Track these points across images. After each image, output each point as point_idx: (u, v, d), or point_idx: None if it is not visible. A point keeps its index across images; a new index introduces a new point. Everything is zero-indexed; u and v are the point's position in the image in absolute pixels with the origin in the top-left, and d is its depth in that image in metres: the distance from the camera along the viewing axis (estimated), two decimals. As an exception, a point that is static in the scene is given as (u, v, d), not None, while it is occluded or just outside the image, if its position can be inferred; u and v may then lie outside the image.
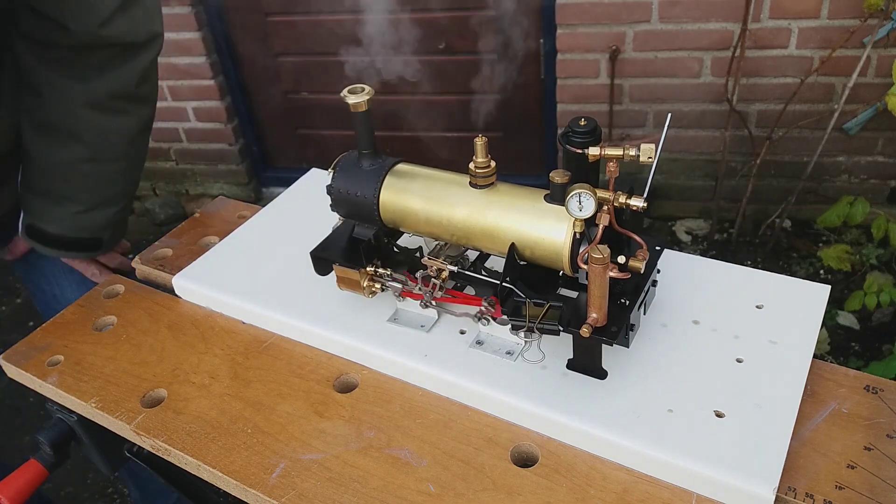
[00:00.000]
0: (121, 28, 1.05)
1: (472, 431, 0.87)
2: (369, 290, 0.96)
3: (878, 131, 2.46)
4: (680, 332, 0.93)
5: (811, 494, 0.75)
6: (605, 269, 0.75)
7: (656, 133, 2.60)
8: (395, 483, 0.82)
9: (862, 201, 2.25)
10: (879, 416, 0.83)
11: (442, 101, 2.90)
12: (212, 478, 0.87)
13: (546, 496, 0.79)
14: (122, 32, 1.06)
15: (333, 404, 0.92)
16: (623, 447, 0.80)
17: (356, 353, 0.97)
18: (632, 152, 0.73)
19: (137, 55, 1.11)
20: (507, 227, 0.85)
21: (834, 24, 2.29)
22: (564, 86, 2.62)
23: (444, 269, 0.92)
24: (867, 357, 2.20)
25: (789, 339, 0.90)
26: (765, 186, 2.61)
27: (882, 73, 2.32)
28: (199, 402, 0.95)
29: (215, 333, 1.06)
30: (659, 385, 0.86)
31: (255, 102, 3.13)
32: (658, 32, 2.43)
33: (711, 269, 1.03)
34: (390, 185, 0.91)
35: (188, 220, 1.32)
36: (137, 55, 1.11)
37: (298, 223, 1.20)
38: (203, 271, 1.13)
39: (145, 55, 1.12)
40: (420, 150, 3.03)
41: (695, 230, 2.77)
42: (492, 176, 0.87)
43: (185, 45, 2.87)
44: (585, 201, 0.75)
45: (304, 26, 2.81)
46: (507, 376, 0.89)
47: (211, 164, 3.24)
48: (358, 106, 0.87)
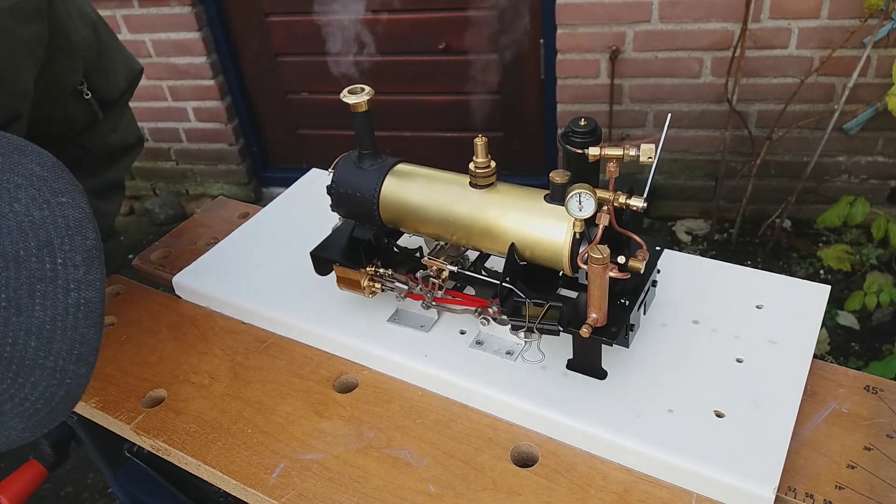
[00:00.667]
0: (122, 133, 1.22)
1: (472, 431, 0.87)
2: (369, 290, 0.96)
3: (878, 131, 2.46)
4: (680, 332, 0.93)
5: (811, 494, 0.75)
6: (605, 269, 0.75)
7: (656, 133, 2.60)
8: (395, 483, 0.82)
9: (862, 201, 2.25)
10: (879, 416, 0.83)
11: (442, 101, 2.89)
12: (212, 478, 0.87)
13: (546, 496, 0.79)
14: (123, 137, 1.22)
15: (333, 404, 0.92)
16: (623, 447, 0.80)
17: (356, 353, 0.97)
18: (632, 152, 0.73)
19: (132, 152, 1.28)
20: (507, 227, 0.85)
21: (834, 24, 2.29)
22: (564, 86, 2.62)
23: (444, 269, 0.92)
24: (867, 357, 2.20)
25: (789, 339, 0.90)
26: (765, 186, 2.61)
27: (882, 73, 2.32)
28: (199, 402, 0.95)
29: (215, 333, 1.06)
30: (659, 385, 0.86)
31: (255, 102, 3.13)
32: (658, 32, 2.43)
33: (711, 269, 1.03)
34: (390, 185, 0.91)
35: (188, 220, 1.32)
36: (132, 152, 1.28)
37: (298, 223, 1.20)
38: (203, 271, 1.13)
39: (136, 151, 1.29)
40: (420, 151, 3.03)
41: (695, 230, 2.77)
42: (492, 176, 0.87)
43: (185, 45, 2.86)
44: (585, 201, 0.75)
45: (304, 26, 2.81)
46: (507, 376, 0.89)
47: (211, 164, 3.24)
48: (358, 106, 0.87)
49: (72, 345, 0.66)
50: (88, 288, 0.67)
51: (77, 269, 0.66)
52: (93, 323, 0.67)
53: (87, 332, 0.67)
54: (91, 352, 0.68)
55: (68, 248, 0.66)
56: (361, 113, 0.88)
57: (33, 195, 0.65)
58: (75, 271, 0.66)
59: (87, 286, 0.67)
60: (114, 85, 1.16)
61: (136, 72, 1.23)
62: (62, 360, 0.65)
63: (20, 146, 0.68)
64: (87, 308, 0.67)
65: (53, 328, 0.64)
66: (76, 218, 0.67)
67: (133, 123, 1.28)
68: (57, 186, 0.68)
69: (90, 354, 0.68)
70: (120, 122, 1.21)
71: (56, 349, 0.65)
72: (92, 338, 0.67)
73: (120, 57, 1.19)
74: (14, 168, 0.66)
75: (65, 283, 0.65)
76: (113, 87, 1.16)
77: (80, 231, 0.67)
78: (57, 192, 0.67)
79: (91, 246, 0.67)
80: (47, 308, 0.64)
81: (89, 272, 0.67)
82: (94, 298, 0.67)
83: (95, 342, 0.68)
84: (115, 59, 1.18)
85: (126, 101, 1.24)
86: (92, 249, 0.68)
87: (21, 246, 0.63)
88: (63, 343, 0.65)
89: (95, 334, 0.68)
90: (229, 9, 2.88)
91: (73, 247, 0.66)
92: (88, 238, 0.67)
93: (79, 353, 0.66)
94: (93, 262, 0.67)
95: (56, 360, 0.65)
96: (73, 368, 0.66)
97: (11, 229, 0.63)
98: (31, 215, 0.65)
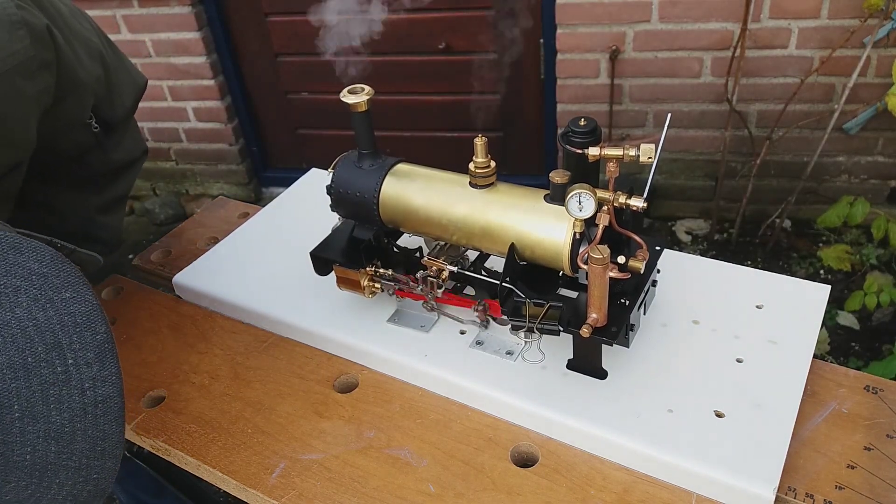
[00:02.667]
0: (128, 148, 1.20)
1: (472, 431, 0.87)
2: (369, 291, 0.96)
3: (878, 131, 2.46)
4: (680, 332, 0.93)
5: (811, 494, 0.75)
6: (605, 269, 0.75)
7: (656, 133, 2.60)
8: (395, 483, 0.82)
9: (862, 201, 2.25)
10: (879, 416, 0.83)
11: (442, 101, 2.89)
12: (212, 478, 0.87)
13: (546, 496, 0.79)
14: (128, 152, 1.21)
15: (333, 404, 0.92)
16: (623, 447, 0.80)
17: (356, 353, 0.97)
18: (632, 152, 0.73)
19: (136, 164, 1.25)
20: (506, 227, 0.85)
21: (834, 24, 2.29)
22: (564, 86, 2.62)
23: (443, 270, 0.92)
24: (867, 357, 2.20)
25: (789, 339, 0.90)
26: (765, 186, 2.61)
27: (882, 73, 2.32)
28: (199, 402, 0.95)
29: (215, 333, 1.06)
30: (659, 385, 0.86)
31: (255, 102, 3.13)
32: (658, 32, 2.43)
33: (711, 269, 1.03)
34: (390, 186, 0.91)
35: (188, 220, 1.32)
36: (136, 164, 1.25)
37: (298, 223, 1.20)
38: (203, 271, 1.13)
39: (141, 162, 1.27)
40: (420, 150, 3.03)
41: (695, 230, 2.77)
42: (492, 176, 0.87)
43: (185, 45, 2.86)
44: (585, 201, 0.75)
45: (304, 26, 2.81)
46: (507, 376, 0.89)
47: (211, 164, 3.24)
48: (357, 106, 0.87)
49: (94, 442, 0.63)
50: (104, 384, 0.64)
51: (90, 366, 0.63)
52: (113, 418, 0.64)
53: (108, 428, 0.64)
54: (115, 445, 0.64)
55: (78, 347, 0.63)
56: (361, 113, 0.88)
57: (35, 296, 0.62)
58: (88, 369, 0.63)
59: (102, 382, 0.64)
60: (120, 109, 1.14)
61: (141, 87, 1.21)
62: (86, 458, 0.62)
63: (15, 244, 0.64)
64: (106, 405, 0.63)
65: (73, 430, 0.61)
66: (83, 313, 0.64)
67: (138, 136, 1.26)
68: (58, 282, 0.64)
69: (114, 448, 0.64)
70: (125, 138, 1.19)
71: (78, 449, 0.61)
72: (114, 432, 0.64)
73: (126, 78, 1.17)
74: (10, 270, 0.62)
75: (79, 383, 0.62)
76: (119, 111, 1.14)
77: (89, 326, 0.64)
78: (59, 289, 0.63)
79: (102, 340, 0.64)
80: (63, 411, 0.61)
81: (103, 367, 0.64)
82: (111, 394, 0.64)
83: (118, 436, 0.64)
84: (122, 83, 1.15)
85: (131, 117, 1.22)
86: (104, 343, 0.64)
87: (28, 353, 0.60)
88: (85, 442, 0.62)
89: (118, 428, 0.65)
90: (229, 9, 2.88)
91: (83, 344, 0.63)
92: (98, 332, 0.64)
93: (102, 449, 0.63)
94: (106, 357, 0.65)
95: (80, 459, 0.62)
96: (99, 464, 0.63)
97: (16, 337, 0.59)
98: (35, 318, 0.61)
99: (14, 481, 0.59)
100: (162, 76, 2.98)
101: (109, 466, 0.65)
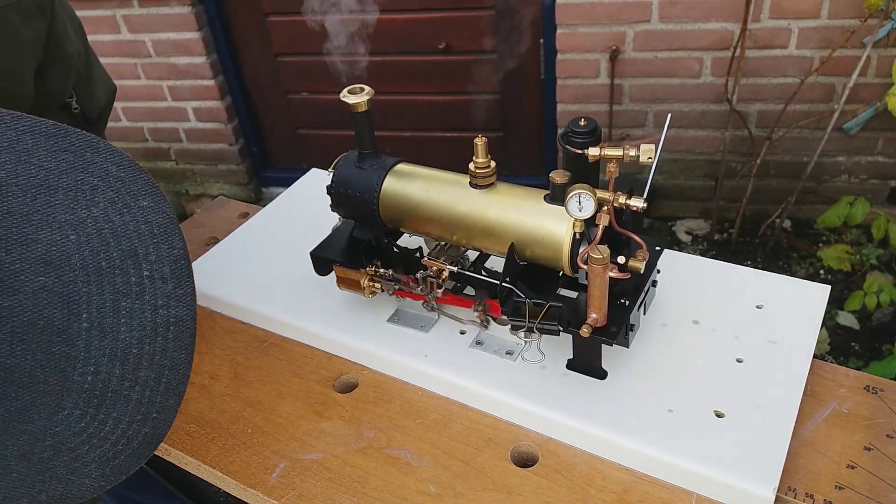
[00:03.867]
0: None
1: (472, 431, 0.87)
2: (369, 291, 0.96)
3: (878, 131, 2.46)
4: (680, 332, 0.93)
5: (811, 494, 0.75)
6: (605, 269, 0.75)
7: (656, 133, 2.60)
8: (395, 483, 0.82)
9: (862, 201, 2.25)
10: (879, 416, 0.83)
11: (442, 100, 2.90)
12: (212, 478, 0.87)
13: (546, 496, 0.79)
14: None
15: (333, 404, 0.92)
16: (623, 447, 0.80)
17: (356, 353, 0.97)
18: (632, 152, 0.73)
19: None
20: (506, 227, 0.85)
21: (834, 24, 2.29)
22: (564, 86, 2.62)
23: (444, 270, 0.92)
24: (867, 357, 2.20)
25: (789, 339, 0.90)
26: (765, 186, 2.62)
27: (882, 73, 2.32)
28: (198, 401, 0.95)
29: (215, 333, 1.06)
30: (659, 385, 0.86)
31: (255, 102, 3.13)
32: (658, 32, 2.43)
33: (711, 269, 1.03)
34: (390, 186, 0.91)
35: (188, 220, 1.32)
36: None
37: (298, 223, 1.20)
38: (203, 271, 1.13)
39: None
40: (420, 150, 3.03)
41: (695, 230, 2.77)
42: (492, 176, 0.87)
43: (185, 45, 2.87)
44: (585, 202, 0.75)
45: (304, 26, 2.81)
46: (507, 376, 0.89)
47: (211, 164, 3.24)
48: (358, 106, 0.87)
49: (160, 371, 0.57)
50: (179, 304, 0.58)
51: (165, 282, 0.57)
52: (183, 346, 0.59)
53: (177, 356, 0.58)
54: (181, 380, 0.59)
55: (154, 259, 0.57)
56: (361, 113, 0.88)
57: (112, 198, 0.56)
58: (163, 285, 0.57)
59: (177, 302, 0.58)
60: (96, 102, 1.14)
61: (113, 90, 1.22)
62: (149, 391, 0.57)
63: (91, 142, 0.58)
64: (178, 328, 0.58)
65: (140, 352, 0.56)
66: (160, 224, 0.58)
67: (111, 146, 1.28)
68: (136, 188, 0.59)
69: (180, 383, 0.59)
70: None
71: (143, 377, 0.56)
72: (182, 363, 0.59)
73: (101, 75, 1.18)
74: (87, 167, 0.56)
75: (152, 298, 0.56)
76: (96, 103, 1.14)
77: (166, 239, 0.59)
78: (137, 195, 0.58)
79: (179, 255, 0.59)
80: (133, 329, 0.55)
81: (179, 285, 0.58)
82: (184, 317, 0.59)
83: (186, 368, 0.59)
84: (99, 77, 1.16)
85: (105, 122, 1.20)
86: (180, 259, 0.59)
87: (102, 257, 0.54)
88: (150, 370, 0.57)
89: (186, 358, 0.60)
90: (229, 9, 2.88)
91: (159, 256, 0.57)
92: (175, 247, 0.59)
93: (168, 382, 0.58)
94: (182, 274, 0.59)
95: (143, 390, 0.56)
96: (161, 400, 0.58)
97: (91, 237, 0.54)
98: (112, 221, 0.56)
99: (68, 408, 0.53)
100: (162, 76, 2.98)
101: (171, 405, 0.59)
